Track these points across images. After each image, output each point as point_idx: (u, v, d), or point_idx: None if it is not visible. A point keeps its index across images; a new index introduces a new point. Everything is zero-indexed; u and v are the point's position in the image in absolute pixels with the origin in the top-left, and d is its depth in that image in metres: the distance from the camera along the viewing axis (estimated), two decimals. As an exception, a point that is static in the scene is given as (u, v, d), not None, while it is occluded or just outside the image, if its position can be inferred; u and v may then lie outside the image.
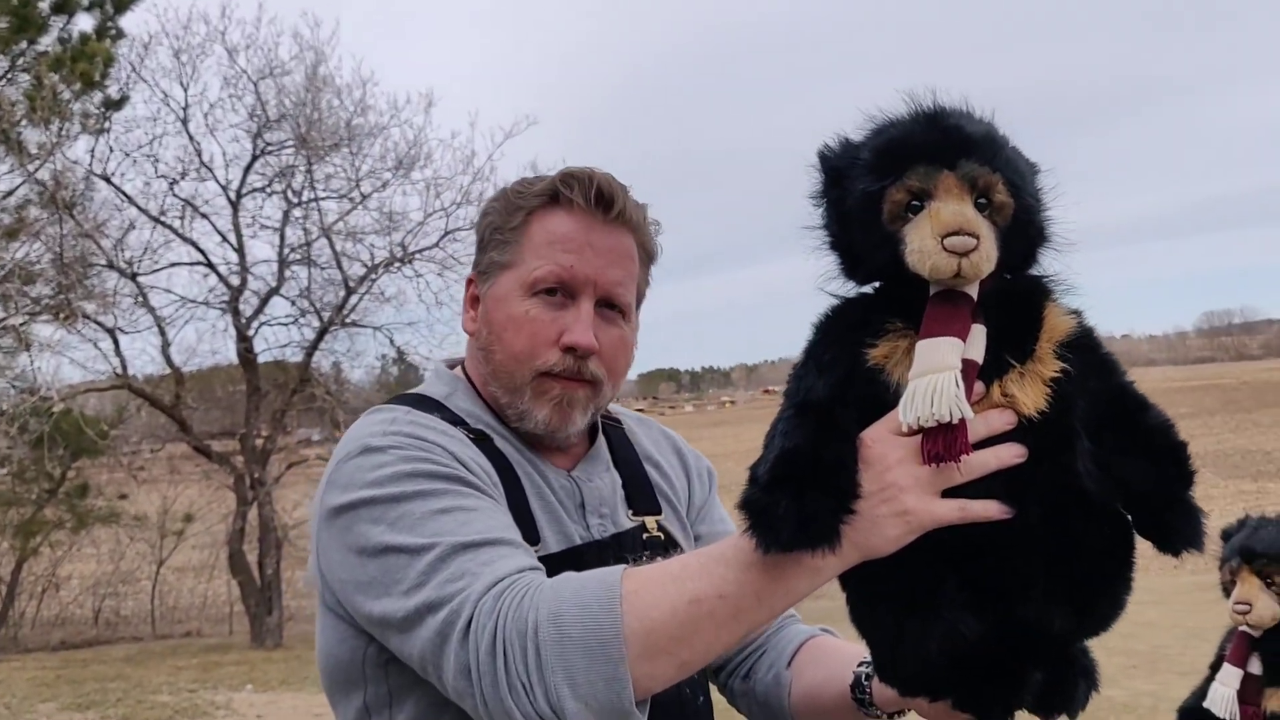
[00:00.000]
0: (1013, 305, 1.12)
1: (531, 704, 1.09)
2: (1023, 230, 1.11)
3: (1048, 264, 1.17)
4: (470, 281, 1.54)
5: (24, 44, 14.87)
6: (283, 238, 17.25)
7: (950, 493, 1.09)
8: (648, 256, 1.54)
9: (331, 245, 17.23)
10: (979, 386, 1.09)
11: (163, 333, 16.19)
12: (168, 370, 16.51)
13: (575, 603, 1.11)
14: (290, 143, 16.76)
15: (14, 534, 16.77)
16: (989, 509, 1.09)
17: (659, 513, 1.56)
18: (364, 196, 17.23)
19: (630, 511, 1.53)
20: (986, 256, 1.04)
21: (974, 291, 1.09)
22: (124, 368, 15.85)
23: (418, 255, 17.52)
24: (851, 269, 1.18)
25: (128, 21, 15.63)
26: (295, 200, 17.27)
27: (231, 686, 11.60)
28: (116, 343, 15.66)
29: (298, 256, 17.50)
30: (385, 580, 1.22)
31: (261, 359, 17.87)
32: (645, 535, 1.50)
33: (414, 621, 1.19)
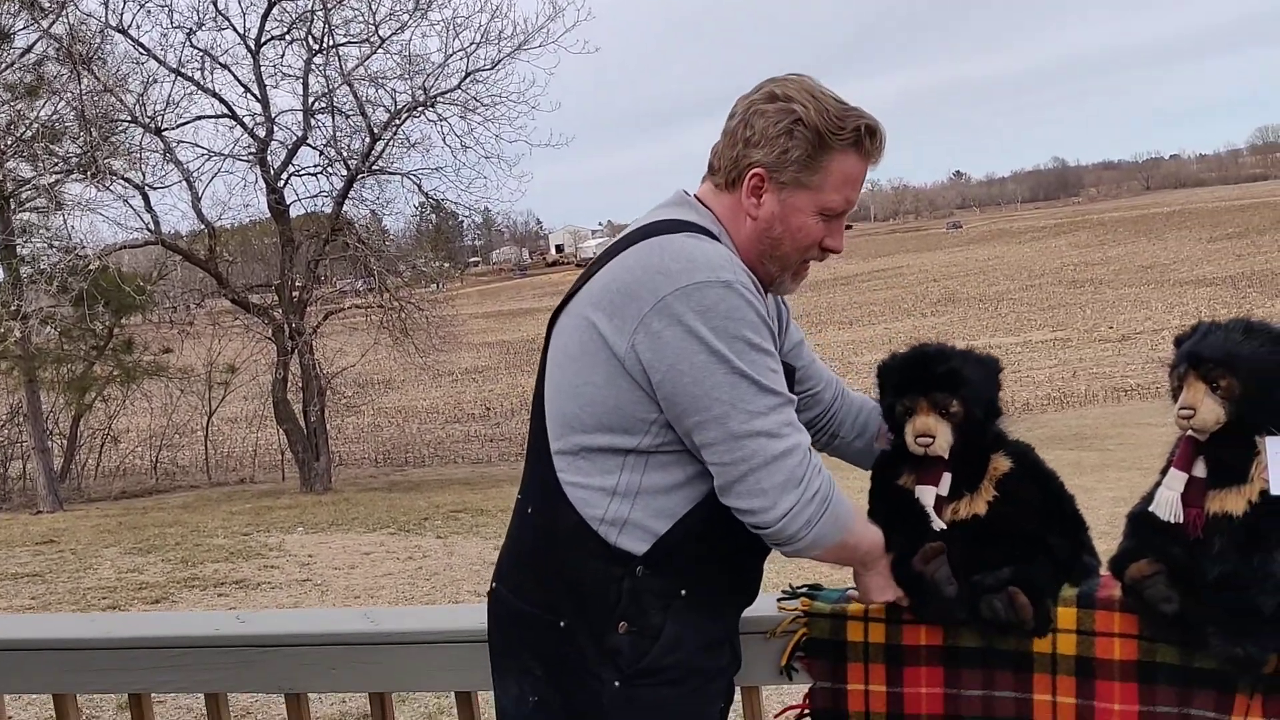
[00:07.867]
0: (969, 459, 1.86)
1: (807, 528, 1.69)
2: (975, 417, 1.85)
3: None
4: (759, 174, 1.83)
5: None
6: (306, 86, 17.01)
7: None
8: None
9: (354, 92, 16.95)
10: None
11: (192, 188, 16.16)
12: (201, 226, 16.55)
13: (846, 506, 1.77)
14: (306, -14, 16.33)
15: (65, 389, 17.17)
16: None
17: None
18: (383, 40, 16.86)
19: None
20: (941, 446, 1.82)
21: (945, 454, 1.83)
22: (156, 224, 15.89)
23: (440, 99, 17.22)
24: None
25: None
26: (316, 47, 16.93)
27: (283, 529, 12.02)
28: (147, 199, 15.70)
29: (322, 105, 17.26)
30: (730, 398, 1.66)
31: (293, 210, 17.85)
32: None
33: (745, 440, 1.66)
